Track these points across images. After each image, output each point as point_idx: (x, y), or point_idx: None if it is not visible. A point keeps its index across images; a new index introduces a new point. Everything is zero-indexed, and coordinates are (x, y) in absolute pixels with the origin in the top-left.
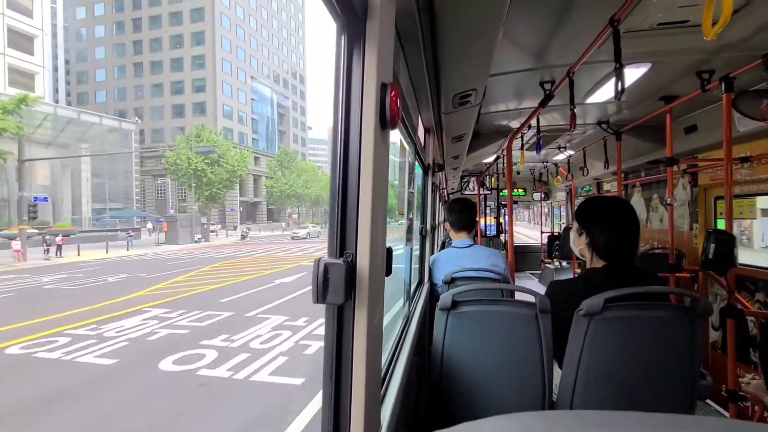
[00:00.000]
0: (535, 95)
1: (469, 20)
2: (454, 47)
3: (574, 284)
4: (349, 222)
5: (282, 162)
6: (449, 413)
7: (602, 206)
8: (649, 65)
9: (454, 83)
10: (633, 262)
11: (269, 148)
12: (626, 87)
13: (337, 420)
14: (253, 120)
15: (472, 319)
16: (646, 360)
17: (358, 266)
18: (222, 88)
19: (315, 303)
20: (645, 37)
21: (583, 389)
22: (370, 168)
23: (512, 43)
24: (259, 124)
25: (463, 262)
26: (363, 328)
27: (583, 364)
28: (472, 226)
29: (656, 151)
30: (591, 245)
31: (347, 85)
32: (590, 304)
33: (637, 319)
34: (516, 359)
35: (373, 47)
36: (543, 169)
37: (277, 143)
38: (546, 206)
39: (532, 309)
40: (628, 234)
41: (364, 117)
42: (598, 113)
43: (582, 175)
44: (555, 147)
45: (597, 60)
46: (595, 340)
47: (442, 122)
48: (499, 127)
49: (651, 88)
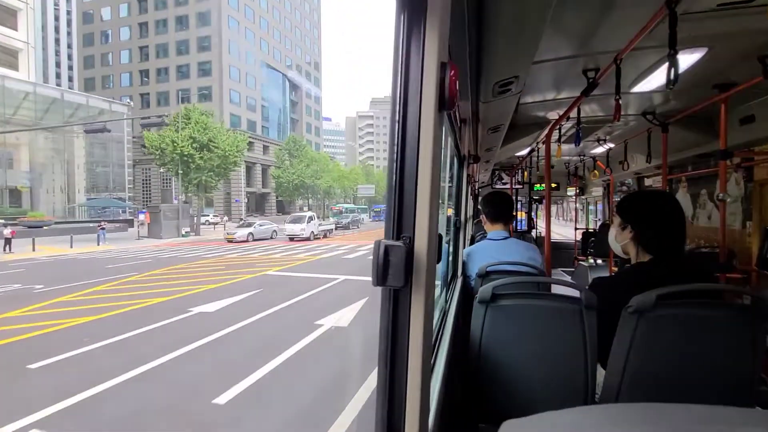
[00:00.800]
0: (575, 84)
1: (519, 1)
2: (501, 31)
3: (620, 280)
4: (407, 205)
5: (290, 150)
6: (484, 406)
7: (649, 199)
8: (705, 50)
9: (496, 70)
10: (682, 258)
11: (281, 137)
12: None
13: (392, 404)
14: (263, 107)
15: (512, 313)
16: (700, 362)
17: (416, 250)
18: (229, 72)
19: (374, 286)
20: (703, 19)
21: (629, 391)
22: (429, 150)
23: (556, 28)
24: (270, 111)
25: (499, 255)
26: (419, 313)
27: (630, 364)
28: (508, 218)
29: (706, 143)
30: (636, 239)
31: (406, 64)
32: (641, 300)
33: (691, 318)
34: (557, 356)
35: (434, 24)
36: (579, 162)
37: (288, 132)
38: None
39: (577, 305)
40: (679, 228)
41: (424, 98)
42: (642, 103)
43: (622, 170)
44: (593, 139)
45: (646, 46)
46: (645, 339)
47: (480, 112)
48: (535, 119)
49: (705, 75)
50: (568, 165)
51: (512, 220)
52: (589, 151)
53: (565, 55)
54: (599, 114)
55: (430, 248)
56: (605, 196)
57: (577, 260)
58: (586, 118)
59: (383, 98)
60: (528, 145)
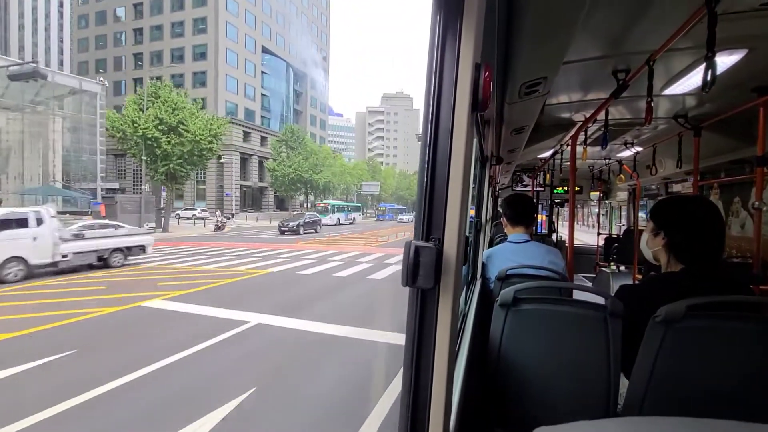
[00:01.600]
0: (603, 86)
1: (551, 1)
2: (531, 31)
3: (648, 288)
4: (437, 206)
5: (288, 141)
6: (502, 411)
7: (685, 205)
8: (745, 52)
9: (524, 71)
10: (717, 268)
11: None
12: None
13: (416, 404)
14: (264, 96)
15: (533, 318)
16: (730, 377)
17: (445, 251)
18: (226, 56)
19: (404, 286)
20: (743, 19)
21: (654, 403)
22: (462, 152)
23: (587, 28)
24: (272, 101)
25: (519, 258)
26: (447, 315)
27: (656, 375)
28: (530, 221)
29: (741, 149)
30: (668, 246)
31: (440, 65)
32: (670, 310)
33: (724, 331)
34: (579, 363)
35: (471, 25)
36: (604, 166)
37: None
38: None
39: (601, 312)
40: (713, 236)
41: (458, 98)
42: (673, 106)
43: (649, 174)
44: (620, 143)
45: (682, 47)
46: (672, 350)
47: (504, 112)
48: (560, 120)
49: (743, 78)
50: (592, 168)
51: (534, 224)
52: (615, 155)
53: (595, 55)
54: (627, 116)
55: (459, 250)
56: (631, 201)
57: (598, 266)
58: (613, 120)
59: (395, 94)
60: (551, 147)
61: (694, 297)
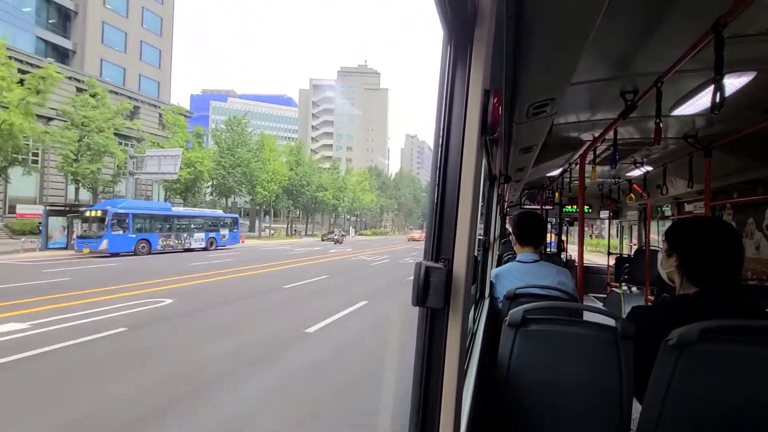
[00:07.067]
0: (612, 106)
1: (558, 26)
2: (539, 55)
3: (660, 310)
4: (446, 227)
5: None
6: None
7: (694, 227)
8: (753, 74)
9: (531, 92)
10: (734, 291)
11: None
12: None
13: (425, 425)
14: None
15: (543, 338)
16: (747, 404)
17: (455, 272)
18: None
19: (414, 306)
20: (751, 43)
21: (668, 429)
22: (471, 175)
23: (595, 50)
24: None
25: (528, 278)
26: (456, 335)
27: (669, 400)
28: (539, 240)
29: (754, 169)
30: (682, 268)
31: (451, 92)
32: (683, 333)
33: (740, 356)
34: (590, 386)
35: (480, 53)
36: (614, 185)
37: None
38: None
39: (612, 333)
40: (728, 259)
41: (468, 124)
42: (683, 126)
43: (660, 194)
44: (630, 162)
45: (690, 69)
46: (686, 374)
47: (512, 132)
48: (568, 140)
49: (753, 99)
50: (601, 187)
51: (543, 243)
52: (624, 174)
53: (602, 77)
54: (636, 136)
55: (468, 270)
56: (641, 221)
57: (609, 286)
58: (622, 140)
59: (357, 68)
60: (560, 165)
61: (707, 320)
